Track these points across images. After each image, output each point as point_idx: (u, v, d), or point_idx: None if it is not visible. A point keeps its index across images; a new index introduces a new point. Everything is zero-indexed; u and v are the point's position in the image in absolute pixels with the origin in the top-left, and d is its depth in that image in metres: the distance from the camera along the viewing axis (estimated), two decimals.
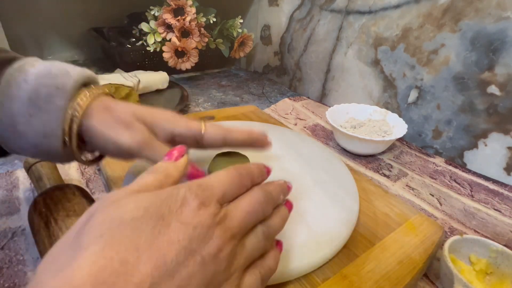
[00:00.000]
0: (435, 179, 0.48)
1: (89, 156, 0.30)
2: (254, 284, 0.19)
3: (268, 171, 0.23)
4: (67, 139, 0.25)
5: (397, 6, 0.56)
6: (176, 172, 0.20)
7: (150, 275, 0.14)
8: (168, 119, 0.29)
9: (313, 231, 0.30)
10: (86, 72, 0.27)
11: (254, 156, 0.42)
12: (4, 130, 0.24)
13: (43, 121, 0.24)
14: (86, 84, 0.27)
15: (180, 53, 0.76)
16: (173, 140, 0.29)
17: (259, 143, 0.32)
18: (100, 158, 0.31)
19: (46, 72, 0.24)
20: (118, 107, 0.27)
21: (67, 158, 0.27)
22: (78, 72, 0.26)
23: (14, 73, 0.24)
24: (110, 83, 0.55)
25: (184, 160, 0.21)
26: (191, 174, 0.23)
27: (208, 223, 0.17)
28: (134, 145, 0.26)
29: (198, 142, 0.29)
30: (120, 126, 0.26)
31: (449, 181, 0.48)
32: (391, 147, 0.56)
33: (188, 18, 0.72)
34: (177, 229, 0.16)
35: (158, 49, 0.75)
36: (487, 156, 0.49)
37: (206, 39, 0.78)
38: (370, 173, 0.49)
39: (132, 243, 0.14)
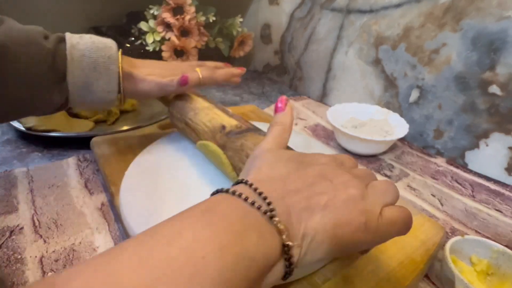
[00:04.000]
0: (437, 179, 0.48)
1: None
2: (395, 215, 0.22)
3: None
4: (121, 92, 0.36)
5: (398, 5, 0.56)
6: (288, 118, 0.29)
7: (296, 185, 0.21)
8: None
9: None
10: (113, 42, 0.36)
11: None
12: (81, 90, 0.34)
13: (106, 81, 0.34)
14: None
15: (179, 52, 0.76)
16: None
17: (235, 79, 0.45)
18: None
19: (94, 47, 0.34)
20: (140, 69, 0.38)
21: (115, 104, 0.37)
22: (113, 43, 0.36)
23: (72, 50, 0.32)
24: None
25: (289, 107, 0.29)
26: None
27: (335, 165, 0.24)
28: (152, 86, 0.38)
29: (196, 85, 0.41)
30: (154, 76, 0.38)
31: (451, 182, 0.48)
32: (393, 147, 0.56)
33: (187, 17, 0.72)
34: (313, 167, 0.23)
35: (157, 48, 0.75)
36: (489, 156, 0.49)
37: (206, 38, 0.78)
38: None
39: (285, 168, 0.23)
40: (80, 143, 0.48)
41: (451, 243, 0.31)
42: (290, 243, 0.19)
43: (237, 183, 0.22)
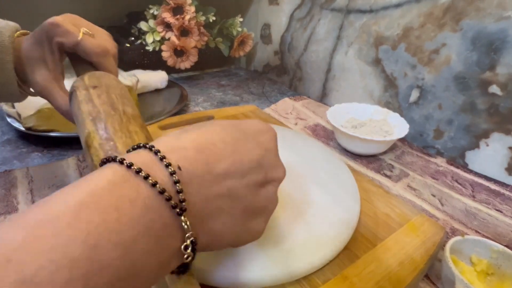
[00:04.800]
0: (437, 179, 0.48)
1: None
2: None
3: None
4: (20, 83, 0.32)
5: (398, 5, 0.56)
6: None
7: (228, 165, 0.17)
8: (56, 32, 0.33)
9: (314, 231, 0.30)
10: (10, 25, 0.31)
11: None
12: None
13: None
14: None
15: (179, 52, 0.76)
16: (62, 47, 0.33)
17: None
18: None
19: None
20: (26, 47, 0.31)
21: (22, 97, 0.33)
22: (6, 28, 0.30)
23: None
24: None
25: None
26: None
27: (277, 155, 0.21)
28: (37, 89, 0.31)
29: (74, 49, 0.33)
30: (29, 70, 0.31)
31: (451, 182, 0.48)
32: (392, 147, 0.56)
33: (187, 17, 0.72)
34: (254, 145, 0.19)
35: (157, 48, 0.75)
36: (489, 156, 0.49)
37: (206, 38, 0.78)
38: (371, 174, 0.49)
39: (221, 137, 0.18)
40: (80, 143, 0.48)
41: (451, 243, 0.31)
42: (190, 245, 0.15)
43: (138, 147, 0.16)
